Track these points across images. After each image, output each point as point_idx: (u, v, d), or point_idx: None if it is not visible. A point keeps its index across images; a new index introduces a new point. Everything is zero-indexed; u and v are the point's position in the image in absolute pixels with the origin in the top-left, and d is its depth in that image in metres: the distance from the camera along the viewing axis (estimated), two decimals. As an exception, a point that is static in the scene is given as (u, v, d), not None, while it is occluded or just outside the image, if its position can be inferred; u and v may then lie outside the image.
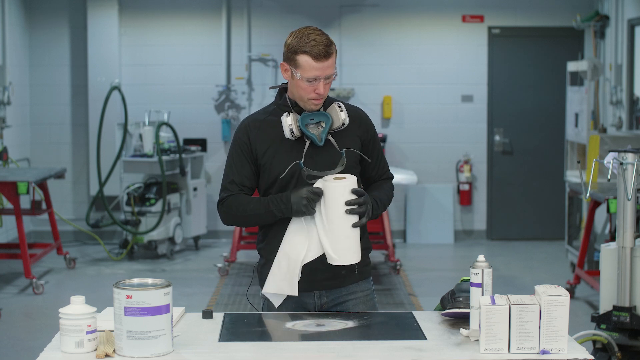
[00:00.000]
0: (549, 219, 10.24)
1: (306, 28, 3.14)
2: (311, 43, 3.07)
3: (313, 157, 3.17)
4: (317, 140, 3.12)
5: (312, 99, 3.14)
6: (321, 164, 3.16)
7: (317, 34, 3.11)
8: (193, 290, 7.64)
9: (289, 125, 3.13)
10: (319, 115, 3.15)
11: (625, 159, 4.68)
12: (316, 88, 3.11)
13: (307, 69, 3.09)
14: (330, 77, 3.13)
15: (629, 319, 4.74)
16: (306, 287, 3.20)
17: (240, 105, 10.08)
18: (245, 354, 2.63)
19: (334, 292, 3.24)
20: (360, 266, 3.24)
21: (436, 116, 10.13)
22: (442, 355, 2.59)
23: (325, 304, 3.24)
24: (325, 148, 3.17)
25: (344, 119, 3.16)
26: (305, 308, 3.22)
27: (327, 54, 3.08)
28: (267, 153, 3.20)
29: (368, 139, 3.28)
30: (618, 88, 9.07)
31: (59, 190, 9.83)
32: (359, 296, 3.27)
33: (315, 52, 3.07)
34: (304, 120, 3.14)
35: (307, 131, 3.13)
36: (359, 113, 3.31)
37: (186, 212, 9.34)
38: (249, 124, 3.26)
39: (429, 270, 8.70)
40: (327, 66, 3.09)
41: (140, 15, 10.00)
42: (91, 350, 2.60)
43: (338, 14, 10.05)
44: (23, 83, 9.79)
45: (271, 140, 3.20)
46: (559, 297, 2.56)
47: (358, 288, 3.27)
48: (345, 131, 3.20)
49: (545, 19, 10.14)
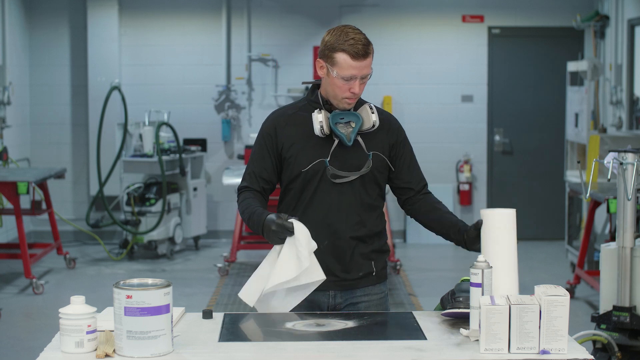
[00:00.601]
0: (549, 219, 10.24)
1: (345, 26, 3.13)
2: (350, 42, 3.07)
3: (339, 156, 3.17)
4: (345, 139, 3.12)
5: (346, 98, 3.14)
6: (347, 164, 3.17)
7: (356, 32, 3.10)
8: (193, 290, 7.64)
9: (320, 122, 3.13)
10: (349, 114, 3.15)
11: (625, 159, 4.68)
12: (351, 87, 3.11)
13: (344, 67, 3.08)
14: (366, 77, 3.12)
15: (629, 319, 4.74)
16: (321, 287, 3.18)
17: (240, 105, 10.08)
18: (245, 354, 2.63)
19: (349, 293, 3.24)
20: (378, 269, 3.26)
21: (436, 116, 10.14)
22: (442, 355, 2.59)
23: (339, 304, 3.24)
24: (353, 149, 3.17)
25: (374, 120, 3.15)
26: (319, 307, 3.22)
27: (366, 53, 3.08)
28: (293, 148, 3.19)
29: (397, 145, 3.26)
30: (618, 88, 9.07)
31: (59, 190, 9.83)
32: (373, 299, 3.27)
33: (353, 50, 3.06)
34: (334, 118, 3.14)
35: (337, 130, 3.13)
36: (390, 118, 3.30)
37: (186, 212, 9.34)
38: (277, 117, 3.26)
39: (429, 270, 8.70)
40: (364, 66, 3.09)
41: (140, 15, 10.00)
42: (91, 350, 2.60)
43: (338, 14, 10.05)
44: (23, 83, 9.79)
45: (298, 136, 3.19)
46: (559, 297, 2.56)
47: (373, 290, 3.28)
48: (374, 134, 3.20)
49: (545, 19, 10.14)
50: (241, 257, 9.01)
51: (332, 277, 3.18)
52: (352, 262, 3.22)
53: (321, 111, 3.16)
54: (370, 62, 3.12)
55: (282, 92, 10.06)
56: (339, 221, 3.18)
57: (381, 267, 3.30)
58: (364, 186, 3.20)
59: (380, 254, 3.30)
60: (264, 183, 3.24)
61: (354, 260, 3.22)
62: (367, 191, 3.21)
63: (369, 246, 3.25)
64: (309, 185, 3.18)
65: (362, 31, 3.15)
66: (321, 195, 3.18)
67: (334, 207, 3.18)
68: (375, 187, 3.24)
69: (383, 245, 3.31)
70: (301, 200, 3.20)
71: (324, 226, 3.16)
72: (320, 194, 3.18)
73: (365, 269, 3.24)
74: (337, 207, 3.18)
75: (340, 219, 3.18)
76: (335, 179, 3.14)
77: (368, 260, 3.25)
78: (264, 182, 3.24)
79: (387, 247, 3.34)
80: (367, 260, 3.25)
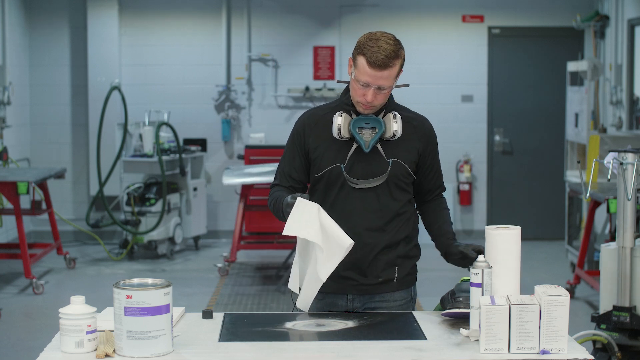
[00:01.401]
0: (549, 219, 10.24)
1: (382, 33, 3.07)
2: (374, 48, 3.01)
3: (359, 162, 3.14)
4: (364, 145, 3.09)
5: (360, 102, 3.11)
6: (364, 170, 3.14)
7: (386, 41, 3.02)
8: (193, 290, 7.64)
9: (338, 125, 3.11)
10: (374, 120, 3.12)
11: (625, 159, 4.68)
12: (365, 93, 3.07)
13: (361, 72, 3.04)
14: (385, 89, 3.06)
15: (629, 319, 4.74)
16: (339, 289, 3.18)
17: (240, 105, 10.08)
18: (245, 354, 2.63)
19: (367, 298, 3.21)
20: (401, 275, 3.22)
21: (436, 116, 10.11)
22: (442, 355, 2.59)
23: (357, 308, 3.21)
24: (373, 155, 3.14)
25: (395, 130, 3.12)
26: (336, 310, 3.20)
27: (384, 65, 3.01)
28: (318, 149, 3.18)
29: (426, 153, 3.23)
30: (618, 88, 9.07)
31: (59, 190, 9.83)
32: (392, 305, 3.22)
33: (372, 58, 3.01)
34: (357, 122, 3.11)
35: (357, 134, 3.10)
36: (424, 124, 3.25)
37: (186, 212, 9.34)
38: (309, 117, 3.25)
39: (429, 270, 8.69)
40: (380, 76, 3.02)
41: (140, 15, 10.00)
42: (91, 350, 2.60)
43: (338, 14, 10.05)
44: (23, 83, 9.79)
45: (324, 138, 3.17)
46: (559, 297, 2.56)
47: (392, 297, 3.23)
48: (402, 141, 3.16)
49: (545, 19, 10.14)
50: (241, 257, 9.01)
51: (351, 281, 3.17)
52: (373, 267, 3.18)
53: (342, 114, 3.13)
54: (391, 75, 3.04)
55: (282, 92, 10.06)
56: (360, 226, 3.13)
57: (405, 274, 3.25)
58: (390, 192, 3.17)
59: (405, 259, 3.25)
60: (293, 182, 3.23)
61: (374, 266, 3.18)
62: (393, 197, 3.18)
63: (393, 252, 3.20)
64: (331, 188, 3.16)
65: (398, 43, 3.05)
66: (343, 199, 3.16)
67: (356, 212, 3.15)
68: (401, 192, 3.20)
69: (410, 251, 3.26)
70: (325, 202, 3.16)
71: (345, 230, 3.04)
72: (343, 198, 3.16)
73: (387, 275, 3.20)
74: (359, 212, 3.15)
75: (362, 224, 3.14)
76: (353, 184, 3.13)
77: (391, 266, 3.20)
78: (294, 181, 3.23)
79: (415, 253, 3.29)
80: (390, 267, 3.20)
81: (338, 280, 3.14)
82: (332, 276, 3.03)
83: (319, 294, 3.16)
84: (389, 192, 3.17)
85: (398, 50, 3.05)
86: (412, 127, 3.20)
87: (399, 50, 3.06)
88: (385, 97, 3.11)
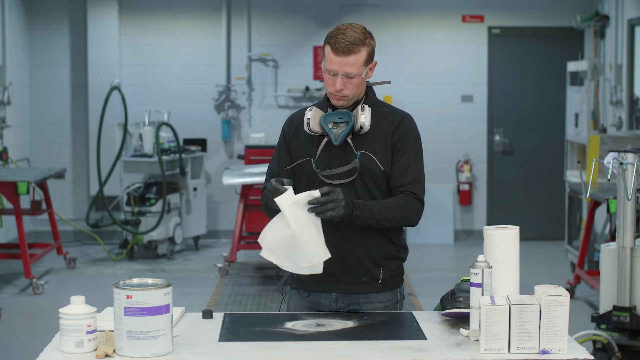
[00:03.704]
0: (549, 219, 10.24)
1: (351, 24, 3.08)
2: (339, 36, 3.03)
3: (328, 155, 3.14)
4: (333, 138, 3.09)
5: (332, 93, 3.11)
6: (335, 163, 3.13)
7: (352, 29, 3.04)
8: (193, 290, 7.64)
9: (308, 119, 3.12)
10: (345, 114, 3.11)
11: (625, 159, 4.68)
12: (334, 82, 3.07)
13: (328, 60, 3.07)
14: (353, 77, 3.06)
15: (629, 319, 4.74)
16: (323, 288, 3.18)
17: (240, 105, 10.08)
18: (245, 354, 2.63)
19: (351, 297, 3.19)
20: (386, 276, 3.18)
21: (436, 116, 10.13)
22: (442, 355, 2.59)
23: (341, 308, 3.19)
24: (343, 148, 3.13)
25: (362, 122, 3.10)
26: (321, 309, 3.20)
27: (348, 50, 3.02)
28: (300, 146, 3.19)
29: (398, 145, 3.15)
30: (618, 88, 9.07)
31: (59, 190, 9.83)
32: (377, 307, 3.18)
33: (336, 45, 3.03)
34: (330, 117, 3.11)
35: (327, 128, 3.10)
36: (402, 119, 3.19)
37: (186, 212, 9.34)
38: (292, 117, 3.27)
39: (429, 270, 8.70)
40: (346, 63, 3.03)
41: (140, 15, 10.00)
42: (91, 350, 2.60)
43: (338, 14, 10.05)
44: (23, 83, 9.79)
45: (302, 134, 3.19)
46: (559, 297, 2.56)
47: (377, 298, 3.19)
48: (376, 135, 3.14)
49: (545, 19, 10.14)
50: (241, 257, 9.01)
51: (334, 280, 3.16)
52: (356, 266, 3.16)
53: (312, 109, 3.14)
54: (357, 62, 3.04)
55: (282, 92, 10.06)
56: (340, 223, 3.05)
57: (391, 275, 3.20)
58: (366, 188, 3.13)
59: (390, 260, 3.20)
60: None
61: (357, 265, 3.16)
62: (371, 193, 3.14)
63: (377, 251, 3.16)
64: (310, 186, 3.12)
65: (365, 32, 3.07)
66: None
67: None
68: (378, 188, 3.14)
69: (395, 252, 3.20)
70: None
71: (326, 228, 3.02)
72: None
73: (370, 275, 3.17)
74: None
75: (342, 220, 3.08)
76: (325, 178, 3.11)
77: (376, 266, 3.17)
78: None
79: (402, 254, 3.23)
80: (374, 267, 3.17)
81: (322, 278, 3.13)
82: (318, 275, 3.04)
83: (303, 292, 3.20)
84: (365, 188, 3.13)
85: (365, 38, 3.06)
86: (389, 122, 3.17)
87: (366, 39, 3.07)
88: (355, 87, 3.10)
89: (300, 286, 3.24)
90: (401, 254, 3.24)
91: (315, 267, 2.98)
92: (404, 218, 3.10)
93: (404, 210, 3.09)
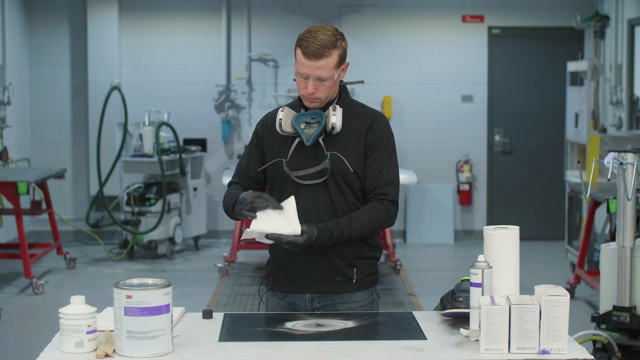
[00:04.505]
0: (549, 219, 10.24)
1: (321, 25, 3.07)
2: (309, 39, 3.02)
3: (300, 156, 3.14)
4: (305, 138, 3.08)
5: (304, 96, 3.11)
6: (306, 164, 3.12)
7: (323, 32, 3.03)
8: (193, 290, 7.64)
9: (279, 119, 3.11)
10: (318, 114, 3.11)
11: (625, 159, 4.68)
12: (306, 85, 3.06)
13: (299, 64, 3.05)
14: (325, 80, 3.05)
15: (629, 319, 4.74)
16: (298, 289, 3.18)
17: (240, 105, 10.08)
18: (245, 354, 2.63)
19: (327, 298, 3.18)
20: (360, 276, 3.18)
21: (436, 116, 10.13)
22: (442, 355, 2.59)
23: (317, 309, 3.19)
24: (315, 149, 3.12)
25: (333, 122, 3.09)
26: (297, 310, 3.19)
27: (318, 54, 3.01)
28: (272, 147, 3.19)
29: (371, 146, 3.14)
30: (618, 88, 9.07)
31: (59, 190, 9.83)
32: (353, 306, 3.18)
33: (307, 48, 3.01)
34: (303, 117, 3.11)
35: (299, 129, 3.09)
36: (374, 119, 3.18)
37: (186, 212, 9.34)
38: (266, 117, 3.27)
39: (429, 270, 8.70)
40: (317, 66, 3.02)
41: (140, 15, 10.00)
42: (91, 350, 2.60)
43: (338, 14, 10.05)
44: (23, 83, 9.79)
45: (275, 135, 3.18)
46: (559, 297, 2.56)
47: (352, 298, 3.19)
48: (348, 135, 3.13)
49: (545, 19, 10.14)
50: (241, 257, 9.01)
51: (307, 280, 3.16)
52: (329, 266, 3.15)
53: (284, 109, 3.13)
54: (328, 65, 3.03)
55: (282, 92, 10.06)
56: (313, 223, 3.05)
57: (365, 275, 3.19)
58: (338, 188, 3.13)
59: (363, 260, 3.19)
60: (250, 181, 3.23)
61: (330, 265, 3.15)
62: (343, 193, 3.14)
63: (350, 252, 3.15)
64: (282, 185, 3.15)
65: (336, 34, 3.05)
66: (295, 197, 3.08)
67: (308, 209, 3.10)
68: (349, 189, 3.14)
69: (369, 252, 3.20)
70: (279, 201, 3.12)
71: None
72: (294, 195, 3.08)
73: (344, 275, 3.16)
74: (312, 210, 3.11)
75: (315, 220, 3.06)
76: (294, 177, 3.11)
77: (349, 266, 3.16)
78: (250, 180, 3.23)
79: (375, 254, 3.22)
80: (347, 267, 3.16)
81: (296, 279, 3.16)
82: (291, 275, 3.12)
83: (279, 293, 3.22)
84: (338, 189, 3.13)
85: (336, 41, 3.05)
86: (362, 122, 3.17)
87: (337, 41, 3.05)
88: (328, 90, 3.10)
89: (275, 287, 3.24)
90: (375, 253, 3.23)
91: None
92: (380, 226, 3.13)
93: (379, 220, 3.11)
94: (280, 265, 3.21)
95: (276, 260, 3.22)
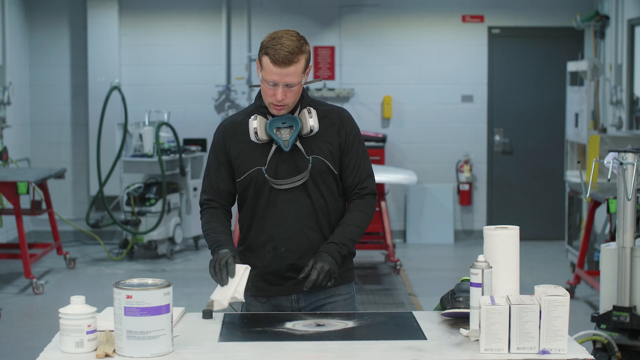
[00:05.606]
0: (549, 219, 10.24)
1: (284, 31, 3.07)
2: (277, 47, 3.01)
3: (280, 162, 3.13)
4: (283, 145, 3.08)
5: (272, 104, 3.09)
6: (286, 170, 3.12)
7: (288, 38, 3.03)
8: (193, 290, 7.64)
9: (254, 128, 3.09)
10: (290, 119, 3.10)
11: (625, 159, 4.68)
12: (275, 93, 3.05)
13: (267, 71, 3.04)
14: (294, 86, 3.04)
15: (629, 319, 4.74)
16: (283, 291, 3.19)
17: (240, 105, 10.07)
18: (245, 354, 2.63)
19: (312, 296, 3.21)
20: (342, 271, 3.20)
21: (436, 116, 10.13)
22: (442, 355, 2.59)
23: (303, 308, 3.20)
24: (293, 153, 3.12)
25: (311, 125, 3.10)
26: (283, 311, 3.20)
27: (288, 61, 3.00)
28: (240, 156, 3.17)
29: (346, 145, 3.17)
30: (618, 88, 9.07)
31: (59, 190, 9.83)
32: (337, 300, 3.22)
33: (275, 56, 3.01)
34: (274, 123, 3.09)
35: (274, 135, 3.08)
36: (342, 116, 3.21)
37: (186, 212, 9.34)
38: (226, 126, 3.23)
39: (429, 270, 8.70)
40: (286, 73, 3.02)
41: (140, 15, 10.00)
42: (91, 350, 2.60)
43: (338, 14, 10.05)
44: (23, 83, 9.79)
45: (245, 143, 3.16)
46: (559, 297, 2.56)
47: (337, 292, 3.23)
48: (322, 136, 3.14)
49: (545, 19, 10.14)
50: (241, 257, 9.00)
51: (293, 281, 3.17)
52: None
53: (257, 117, 3.11)
54: (297, 71, 3.03)
55: (282, 92, 10.05)
56: (296, 226, 3.12)
57: (345, 269, 3.23)
58: (317, 188, 3.15)
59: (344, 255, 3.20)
60: (223, 194, 3.22)
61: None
62: (322, 193, 3.16)
63: None
64: (260, 193, 3.14)
65: (301, 39, 3.06)
66: (273, 202, 3.13)
67: (290, 213, 3.13)
68: (328, 188, 3.17)
69: None
70: (256, 208, 3.16)
71: (281, 232, 3.12)
72: (273, 201, 3.13)
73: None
74: (293, 213, 3.13)
75: (298, 224, 3.12)
76: (278, 186, 3.11)
77: None
78: (223, 192, 3.22)
79: (352, 249, 3.25)
80: None
81: (281, 281, 3.17)
82: (276, 278, 3.14)
83: (262, 297, 3.21)
84: (317, 189, 3.14)
85: (302, 46, 3.05)
86: (329, 121, 3.18)
87: (303, 46, 3.06)
88: (296, 95, 3.09)
89: (257, 293, 3.23)
90: (352, 249, 3.25)
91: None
92: (370, 220, 3.22)
93: (369, 215, 3.21)
94: (258, 272, 3.19)
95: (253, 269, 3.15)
